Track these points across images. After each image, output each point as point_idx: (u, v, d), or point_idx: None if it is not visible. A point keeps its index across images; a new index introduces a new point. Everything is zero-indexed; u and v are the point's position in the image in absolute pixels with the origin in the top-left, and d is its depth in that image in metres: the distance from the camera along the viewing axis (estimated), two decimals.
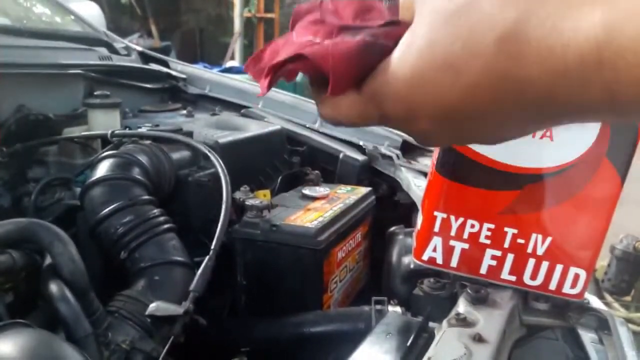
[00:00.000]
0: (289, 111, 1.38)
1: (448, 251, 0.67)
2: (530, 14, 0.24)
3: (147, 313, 0.62)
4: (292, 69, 0.31)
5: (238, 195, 0.90)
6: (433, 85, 0.27)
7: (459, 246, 0.67)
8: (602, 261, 1.98)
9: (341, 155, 1.19)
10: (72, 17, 1.50)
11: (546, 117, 0.27)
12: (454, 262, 0.68)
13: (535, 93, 0.25)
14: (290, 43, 0.32)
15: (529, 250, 0.64)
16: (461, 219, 0.66)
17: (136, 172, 0.83)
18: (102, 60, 1.29)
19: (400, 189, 1.12)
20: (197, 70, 1.57)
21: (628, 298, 2.11)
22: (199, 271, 0.69)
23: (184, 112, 1.29)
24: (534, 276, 0.65)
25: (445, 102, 0.27)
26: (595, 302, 0.71)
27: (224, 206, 0.78)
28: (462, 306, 0.62)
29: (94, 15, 1.69)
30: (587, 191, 0.61)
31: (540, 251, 0.64)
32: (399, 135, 1.27)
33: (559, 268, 0.64)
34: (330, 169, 1.20)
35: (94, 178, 0.80)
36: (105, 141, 0.96)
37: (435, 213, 0.67)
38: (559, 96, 0.24)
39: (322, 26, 0.32)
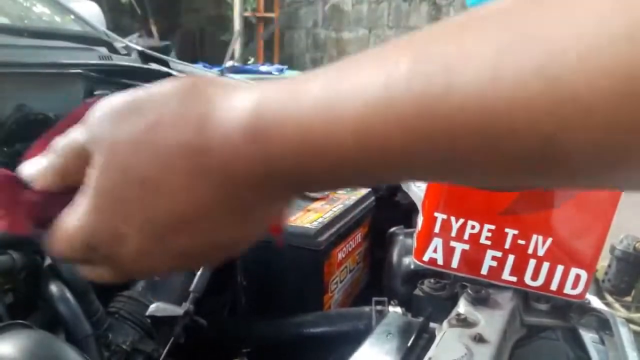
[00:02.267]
0: None
1: (449, 252, 0.67)
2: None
3: (147, 314, 0.62)
4: None
5: None
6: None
7: (459, 247, 0.67)
8: (602, 261, 1.98)
9: None
10: (72, 16, 1.50)
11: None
12: (454, 263, 0.67)
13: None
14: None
15: (530, 251, 0.64)
16: (462, 220, 0.66)
17: None
18: (102, 60, 1.29)
19: (400, 189, 1.11)
20: (197, 70, 1.57)
21: (628, 298, 2.11)
22: (199, 272, 0.69)
23: None
24: (535, 277, 0.65)
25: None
26: (596, 302, 0.71)
27: None
28: (462, 307, 0.62)
29: (94, 14, 1.68)
30: (587, 192, 0.61)
31: (541, 252, 0.64)
32: None
33: (560, 269, 0.64)
34: None
35: None
36: None
37: (436, 214, 0.67)
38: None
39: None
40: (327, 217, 0.85)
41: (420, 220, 0.70)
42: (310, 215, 0.85)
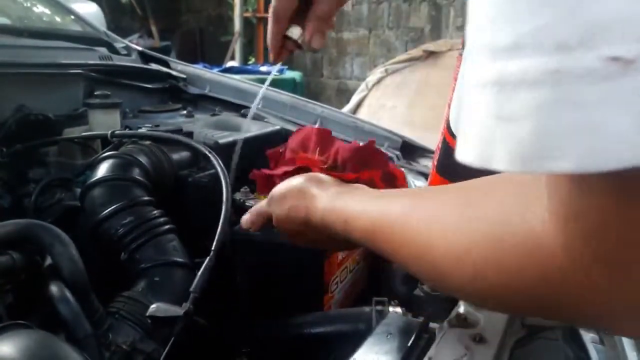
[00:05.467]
0: (289, 111, 1.38)
1: None
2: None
3: (147, 314, 0.62)
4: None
5: (238, 196, 0.89)
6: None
7: None
8: None
9: None
10: (72, 17, 1.50)
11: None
12: None
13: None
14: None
15: None
16: None
17: (136, 173, 0.83)
18: (102, 60, 1.29)
19: None
20: (197, 70, 1.57)
21: None
22: (199, 272, 0.69)
23: (184, 112, 1.29)
24: None
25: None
26: None
27: (224, 207, 0.78)
28: (462, 306, 0.62)
29: (94, 15, 1.69)
30: None
31: None
32: (398, 136, 1.27)
33: None
34: None
35: (94, 179, 0.80)
36: (105, 141, 0.96)
37: None
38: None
39: None
40: None
41: None
42: None
